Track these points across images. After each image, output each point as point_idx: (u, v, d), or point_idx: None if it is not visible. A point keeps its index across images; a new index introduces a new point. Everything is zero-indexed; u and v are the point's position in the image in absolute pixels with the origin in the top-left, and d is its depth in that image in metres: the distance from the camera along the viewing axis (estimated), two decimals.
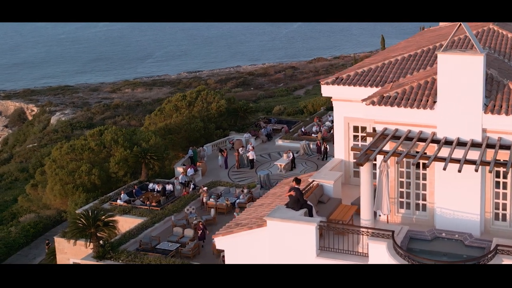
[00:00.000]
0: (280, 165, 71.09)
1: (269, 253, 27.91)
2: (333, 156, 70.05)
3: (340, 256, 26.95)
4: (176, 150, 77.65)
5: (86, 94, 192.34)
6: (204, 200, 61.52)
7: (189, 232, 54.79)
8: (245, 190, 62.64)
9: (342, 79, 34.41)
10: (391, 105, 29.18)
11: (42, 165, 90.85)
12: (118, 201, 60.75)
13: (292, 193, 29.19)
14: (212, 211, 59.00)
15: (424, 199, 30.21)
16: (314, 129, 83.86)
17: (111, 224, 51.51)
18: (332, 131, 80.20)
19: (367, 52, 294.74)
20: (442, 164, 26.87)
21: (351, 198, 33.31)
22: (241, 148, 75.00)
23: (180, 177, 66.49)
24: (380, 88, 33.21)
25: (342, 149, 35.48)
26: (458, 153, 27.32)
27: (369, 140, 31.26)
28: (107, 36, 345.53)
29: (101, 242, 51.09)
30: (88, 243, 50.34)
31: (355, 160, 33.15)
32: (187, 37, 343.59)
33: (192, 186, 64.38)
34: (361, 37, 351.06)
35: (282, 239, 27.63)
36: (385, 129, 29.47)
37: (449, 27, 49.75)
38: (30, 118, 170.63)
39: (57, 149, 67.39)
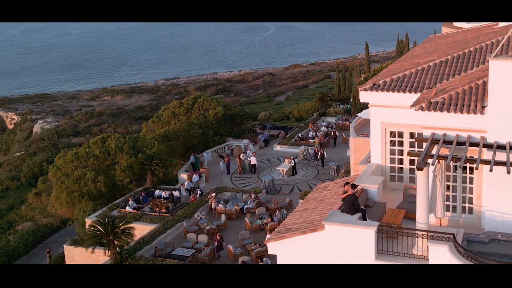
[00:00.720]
0: (282, 170, 71.65)
1: (326, 256, 28.17)
2: (332, 162, 71.33)
3: (399, 259, 27.22)
4: (174, 156, 77.76)
5: (65, 102, 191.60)
6: (213, 206, 61.76)
7: (203, 238, 54.99)
8: (252, 196, 62.89)
9: (379, 85, 34.75)
10: (440, 110, 29.56)
11: (34, 173, 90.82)
12: (127, 208, 60.81)
13: (347, 193, 29.55)
14: (223, 216, 59.28)
15: (470, 202, 30.62)
16: (310, 134, 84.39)
17: (128, 231, 51.59)
18: (327, 137, 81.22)
19: (342, 58, 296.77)
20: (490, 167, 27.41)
21: (390, 202, 33.63)
22: (242, 154, 75.38)
23: (186, 184, 66.73)
24: (417, 93, 33.57)
25: (378, 153, 35.79)
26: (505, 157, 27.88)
27: (418, 145, 31.71)
28: (80, 44, 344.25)
29: (117, 249, 51.14)
30: (106, 251, 50.31)
31: (398, 165, 33.75)
32: (162, 45, 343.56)
33: (199, 192, 64.49)
34: (335, 44, 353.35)
35: (340, 243, 27.87)
36: (433, 134, 29.87)
37: (462, 33, 50.51)
38: (10, 126, 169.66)
39: (60, 157, 67.23)
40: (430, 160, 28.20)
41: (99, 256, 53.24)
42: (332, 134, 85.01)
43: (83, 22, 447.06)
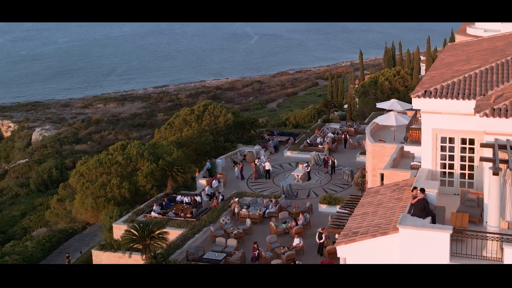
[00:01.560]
0: (297, 175, 71.93)
1: (400, 259, 28.47)
2: (345, 167, 71.60)
3: (474, 261, 27.61)
4: (187, 163, 77.94)
5: (58, 110, 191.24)
6: (236, 210, 61.90)
7: (232, 242, 55.12)
8: (273, 201, 63.08)
9: (431, 92, 35.13)
10: (505, 116, 30.00)
11: (43, 180, 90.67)
12: (152, 213, 60.86)
13: (418, 198, 29.87)
14: (248, 221, 59.40)
15: None
16: (318, 140, 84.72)
17: (162, 236, 51.74)
18: (335, 143, 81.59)
19: (326, 66, 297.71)
20: None
21: (445, 206, 33.96)
22: (257, 160, 75.55)
23: (206, 189, 66.84)
24: (470, 100, 33.96)
25: (429, 159, 36.14)
26: None
27: (481, 150, 32.10)
28: (67, 53, 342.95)
29: (152, 254, 51.24)
30: (143, 256, 50.39)
31: (448, 170, 34.11)
32: (148, 53, 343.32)
33: (220, 197, 64.65)
34: (317, 52, 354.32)
35: (415, 245, 28.20)
36: (497, 139, 30.31)
37: (488, 41, 51.01)
38: (5, 134, 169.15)
39: (82, 163, 67.09)
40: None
41: (128, 261, 53.15)
42: (344, 136, 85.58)
43: (70, 31, 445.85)
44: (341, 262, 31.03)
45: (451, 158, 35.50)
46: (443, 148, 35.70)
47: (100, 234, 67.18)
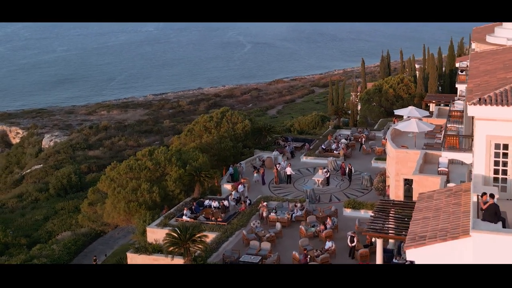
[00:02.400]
0: (318, 180, 71.87)
1: (472, 262, 28.40)
2: (363, 172, 71.48)
3: None
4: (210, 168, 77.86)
5: (63, 117, 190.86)
6: (264, 214, 61.80)
7: (266, 245, 55.05)
8: (298, 205, 63.05)
9: (485, 100, 35.07)
10: None
11: (63, 185, 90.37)
12: (184, 217, 60.70)
13: (489, 203, 29.81)
14: (278, 224, 59.35)
15: None
16: (333, 146, 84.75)
17: (201, 239, 51.63)
18: (349, 149, 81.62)
19: (319, 74, 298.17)
20: None
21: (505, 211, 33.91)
22: (278, 165, 75.53)
23: (233, 194, 66.72)
24: None
25: (482, 165, 36.06)
26: None
27: None
28: (66, 61, 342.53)
29: (192, 256, 51.15)
30: (185, 259, 50.25)
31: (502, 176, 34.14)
32: (145, 61, 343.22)
33: (248, 201, 64.55)
34: (310, 60, 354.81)
35: (488, 250, 28.14)
36: None
37: None
38: (13, 140, 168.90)
39: (112, 169, 66.93)
40: None
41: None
42: (360, 140, 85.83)
43: (68, 40, 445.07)
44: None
45: (505, 164, 35.38)
46: (496, 154, 35.60)
47: (132, 237, 67.04)
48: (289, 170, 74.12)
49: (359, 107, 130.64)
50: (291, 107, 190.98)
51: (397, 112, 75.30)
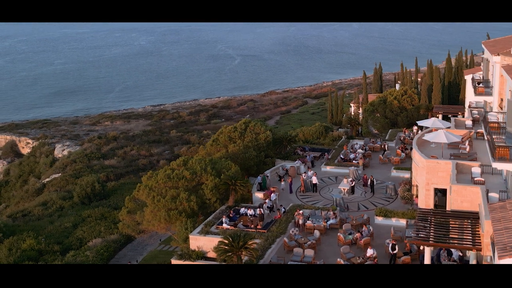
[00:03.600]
0: (344, 189, 71.80)
1: None
2: (387, 182, 71.43)
3: None
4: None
5: (69, 127, 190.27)
6: (300, 222, 61.74)
7: (309, 252, 55.06)
8: (330, 213, 63.07)
9: None
10: None
11: (87, 193, 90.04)
12: (224, 225, 60.58)
13: None
14: (317, 232, 59.33)
15: None
16: (351, 156, 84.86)
17: (251, 247, 51.59)
18: (367, 158, 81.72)
19: (308, 85, 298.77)
20: None
21: None
22: (304, 174, 75.59)
23: (267, 202, 66.67)
24: None
25: None
26: None
27: None
28: (65, 73, 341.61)
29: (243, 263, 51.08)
30: None
31: None
32: (141, 73, 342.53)
33: (283, 209, 64.52)
34: (298, 72, 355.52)
35: None
36: None
37: None
38: (22, 149, 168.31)
39: (148, 178, 66.75)
40: None
41: None
42: (383, 147, 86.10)
43: (64, 53, 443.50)
44: None
45: None
46: None
47: (173, 244, 66.89)
48: (314, 179, 74.19)
49: (360, 118, 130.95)
50: (289, 118, 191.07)
51: (421, 123, 75.47)
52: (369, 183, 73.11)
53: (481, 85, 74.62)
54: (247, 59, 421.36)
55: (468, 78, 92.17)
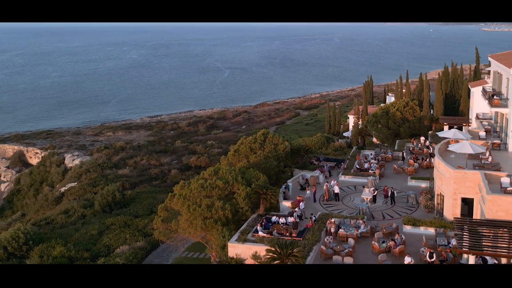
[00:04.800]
0: (366, 198, 71.32)
1: None
2: (409, 191, 70.96)
3: None
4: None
5: (73, 137, 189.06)
6: (332, 230, 61.17)
7: (348, 260, 54.47)
8: (360, 221, 62.60)
9: None
10: None
11: (108, 202, 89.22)
12: (260, 233, 59.90)
13: None
14: (352, 240, 58.74)
15: None
16: (366, 166, 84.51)
17: (298, 255, 51.06)
18: (382, 168, 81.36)
19: (297, 97, 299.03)
20: None
21: None
22: (327, 183, 75.17)
23: (297, 210, 66.11)
24: None
25: None
26: None
27: None
28: (62, 85, 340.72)
29: None
30: None
31: None
32: (135, 85, 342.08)
33: (314, 218, 63.94)
34: (287, 84, 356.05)
35: None
36: None
37: None
38: (30, 159, 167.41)
39: (182, 187, 66.06)
40: None
41: None
42: (402, 154, 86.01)
43: (60, 66, 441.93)
44: None
45: None
46: None
47: (207, 252, 66.19)
48: (336, 189, 73.71)
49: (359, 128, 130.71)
50: (285, 129, 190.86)
51: (441, 134, 75.16)
52: (389, 194, 72.31)
53: (495, 97, 74.51)
54: (236, 72, 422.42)
55: (475, 90, 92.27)
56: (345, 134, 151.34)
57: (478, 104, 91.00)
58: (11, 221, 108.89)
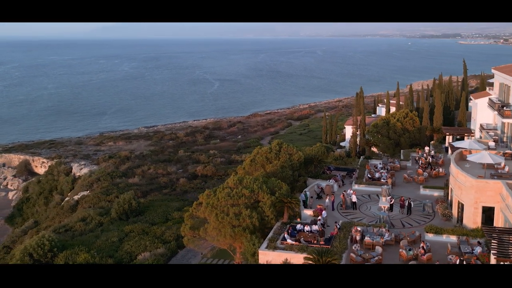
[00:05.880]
0: (384, 206, 70.56)
1: None
2: (425, 200, 70.38)
3: None
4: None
5: (75, 147, 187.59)
6: (358, 238, 60.43)
7: None
8: (383, 229, 61.95)
9: None
10: None
11: (124, 210, 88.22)
12: (288, 240, 59.07)
13: None
14: (379, 248, 57.98)
15: None
16: (377, 175, 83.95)
17: (336, 262, 50.34)
18: (393, 177, 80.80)
19: (287, 108, 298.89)
20: None
21: None
22: (344, 192, 74.53)
23: (320, 219, 65.36)
24: None
25: None
26: None
27: None
28: (60, 96, 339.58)
29: None
30: None
31: None
32: (130, 97, 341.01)
33: (338, 226, 63.17)
34: (275, 95, 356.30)
35: None
36: None
37: None
38: (35, 168, 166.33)
39: (208, 196, 65.24)
40: None
41: None
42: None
43: (55, 78, 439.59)
44: None
45: None
46: None
47: (236, 259, 65.36)
48: (354, 197, 73.03)
49: (358, 139, 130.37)
50: (280, 138, 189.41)
51: (457, 144, 74.83)
52: (406, 204, 71.57)
53: (506, 108, 74.25)
54: (225, 84, 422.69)
55: (479, 102, 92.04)
56: (342, 143, 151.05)
57: (481, 115, 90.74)
58: (25, 229, 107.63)
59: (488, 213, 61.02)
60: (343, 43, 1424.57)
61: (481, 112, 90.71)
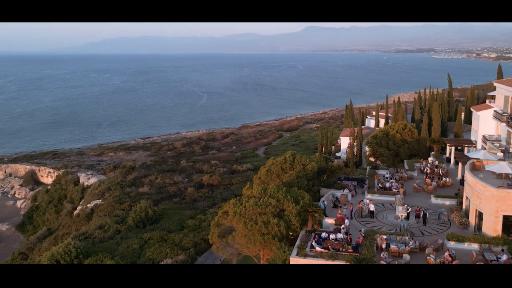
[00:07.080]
0: (401, 215, 69.82)
1: None
2: (441, 209, 69.70)
3: None
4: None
5: (78, 158, 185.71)
6: (383, 246, 59.62)
7: None
8: (406, 238, 61.18)
9: None
10: None
11: (141, 218, 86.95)
12: (317, 248, 58.16)
13: None
14: (407, 256, 57.14)
15: None
16: (387, 185, 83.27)
17: None
18: (404, 187, 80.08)
19: (275, 119, 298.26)
20: None
21: None
22: (361, 201, 73.79)
23: (344, 227, 64.52)
24: None
25: None
26: None
27: None
28: (56, 109, 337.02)
29: None
30: None
31: None
32: (123, 109, 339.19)
33: (362, 234, 62.31)
34: (262, 107, 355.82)
35: None
36: None
37: None
38: (41, 178, 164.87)
39: (235, 205, 64.21)
40: None
41: None
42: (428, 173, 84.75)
43: (50, 92, 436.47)
44: None
45: None
46: None
47: None
48: (372, 206, 72.25)
49: (355, 150, 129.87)
50: (275, 149, 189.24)
51: (472, 155, 74.19)
52: (421, 215, 70.75)
53: None
54: (213, 96, 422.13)
55: (481, 114, 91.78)
56: (337, 154, 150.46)
57: (483, 127, 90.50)
58: (39, 236, 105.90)
59: (504, 221, 60.47)
60: (322, 57, 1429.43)
61: (484, 123, 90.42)
